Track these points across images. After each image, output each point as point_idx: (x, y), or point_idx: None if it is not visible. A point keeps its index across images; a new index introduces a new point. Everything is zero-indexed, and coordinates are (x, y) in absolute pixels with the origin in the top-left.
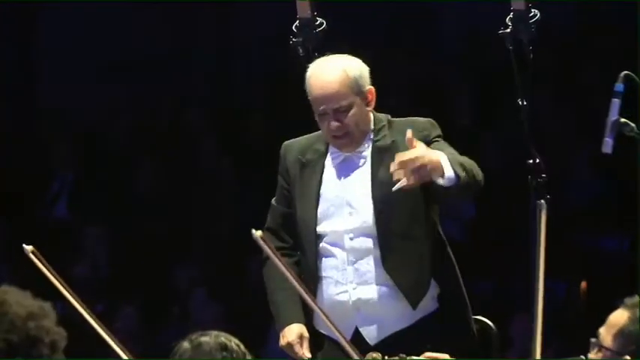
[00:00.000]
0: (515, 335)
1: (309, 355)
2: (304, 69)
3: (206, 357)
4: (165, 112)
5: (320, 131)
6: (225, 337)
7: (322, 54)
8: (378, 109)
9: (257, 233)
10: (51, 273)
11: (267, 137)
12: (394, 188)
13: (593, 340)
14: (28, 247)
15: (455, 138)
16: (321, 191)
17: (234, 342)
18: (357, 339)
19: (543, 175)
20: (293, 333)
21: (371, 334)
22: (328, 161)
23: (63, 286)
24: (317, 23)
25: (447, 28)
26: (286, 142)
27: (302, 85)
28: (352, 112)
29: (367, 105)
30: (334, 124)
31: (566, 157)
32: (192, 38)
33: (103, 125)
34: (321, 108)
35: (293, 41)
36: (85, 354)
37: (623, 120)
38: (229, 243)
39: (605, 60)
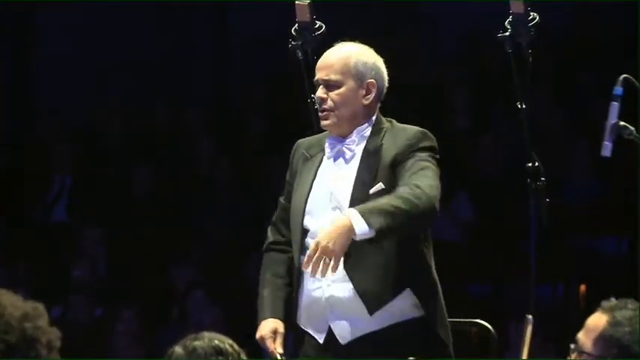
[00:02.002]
0: (513, 338)
1: (280, 350)
2: (303, 72)
3: None
4: (164, 113)
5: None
6: (218, 340)
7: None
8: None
9: None
10: None
11: (265, 139)
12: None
13: (572, 345)
14: None
15: (454, 140)
16: (313, 185)
17: (227, 343)
18: (330, 337)
19: (542, 178)
20: (267, 327)
21: (343, 333)
22: (326, 155)
23: None
24: (316, 26)
25: (447, 31)
26: (299, 140)
27: (301, 87)
28: (340, 90)
29: (364, 96)
30: (320, 94)
31: (566, 160)
32: (191, 40)
33: (102, 127)
34: (316, 77)
35: (292, 44)
36: (83, 355)
37: (622, 123)
38: (228, 244)
39: (604, 63)
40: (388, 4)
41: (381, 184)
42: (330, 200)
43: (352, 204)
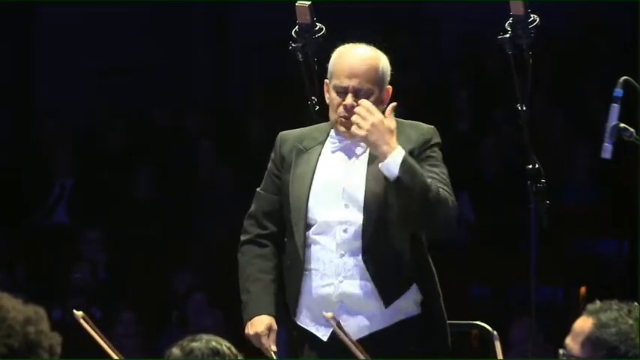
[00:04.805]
0: (514, 340)
1: (274, 348)
2: (303, 74)
3: None
4: (164, 117)
5: (319, 124)
6: (216, 342)
7: (321, 59)
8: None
9: (328, 315)
10: (101, 338)
11: (265, 142)
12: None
13: (561, 351)
14: (79, 313)
15: (455, 143)
16: (314, 177)
17: (225, 345)
18: (336, 334)
19: (543, 181)
20: (262, 324)
21: (351, 329)
22: (327, 148)
23: (112, 350)
24: (316, 28)
25: (446, 33)
26: (282, 132)
27: (301, 90)
28: (370, 99)
29: (381, 102)
30: (350, 101)
31: (566, 162)
32: (190, 43)
33: (102, 129)
34: (345, 84)
35: (292, 46)
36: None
37: (622, 125)
38: (228, 248)
39: (605, 64)
40: (388, 7)
41: None
42: (341, 197)
43: (367, 199)
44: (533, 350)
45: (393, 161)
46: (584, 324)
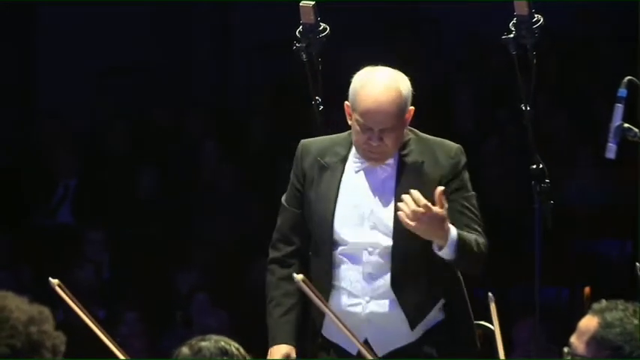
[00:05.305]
0: (517, 340)
1: None
2: (306, 74)
3: None
4: (166, 117)
5: (342, 134)
6: (224, 342)
7: (325, 59)
8: None
9: (298, 277)
10: (76, 305)
11: (268, 143)
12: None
13: (565, 349)
14: (54, 281)
15: (457, 143)
16: (339, 199)
17: (233, 346)
18: (365, 349)
19: (547, 181)
20: (279, 353)
21: (380, 346)
22: (349, 166)
23: (87, 317)
24: (320, 28)
25: (449, 33)
26: (304, 141)
27: (303, 90)
28: (394, 133)
29: (404, 124)
30: (376, 142)
31: (569, 162)
32: (191, 43)
33: (103, 130)
34: (369, 125)
35: (296, 46)
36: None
37: (626, 125)
38: (231, 248)
39: (608, 65)
40: (390, 7)
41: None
42: (368, 219)
43: (397, 222)
44: (536, 350)
45: (449, 247)
46: (589, 323)
